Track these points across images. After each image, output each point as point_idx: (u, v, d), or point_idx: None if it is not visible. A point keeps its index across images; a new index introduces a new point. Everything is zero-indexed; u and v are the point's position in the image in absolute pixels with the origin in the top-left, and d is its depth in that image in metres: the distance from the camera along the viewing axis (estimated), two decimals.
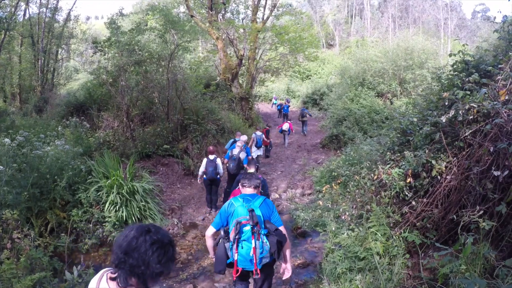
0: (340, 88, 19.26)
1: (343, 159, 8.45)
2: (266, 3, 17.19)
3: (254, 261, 2.91)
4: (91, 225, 6.29)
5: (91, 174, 6.93)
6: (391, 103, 15.41)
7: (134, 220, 6.56)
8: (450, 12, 40.51)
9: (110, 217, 6.34)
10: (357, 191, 5.82)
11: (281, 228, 3.07)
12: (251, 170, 5.42)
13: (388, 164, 4.67)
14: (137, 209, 6.69)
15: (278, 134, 16.09)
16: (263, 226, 2.95)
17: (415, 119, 4.49)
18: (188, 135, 10.82)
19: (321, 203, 7.12)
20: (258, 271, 2.94)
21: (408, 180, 3.98)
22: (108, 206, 6.43)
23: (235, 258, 2.97)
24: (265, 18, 17.10)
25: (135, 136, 10.04)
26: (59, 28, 18.40)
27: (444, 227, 3.46)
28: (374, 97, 15.94)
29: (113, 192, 6.54)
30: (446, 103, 3.99)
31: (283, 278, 3.33)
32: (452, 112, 3.35)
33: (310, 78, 31.37)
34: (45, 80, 17.29)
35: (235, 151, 7.85)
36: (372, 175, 5.05)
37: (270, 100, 28.50)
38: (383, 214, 4.16)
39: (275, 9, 17.04)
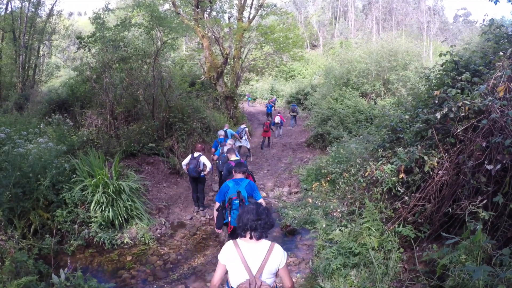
0: (325, 88, 19.45)
1: (332, 157, 8.51)
2: (252, 2, 17.16)
3: None
4: (76, 226, 6.07)
5: (75, 173, 6.65)
6: (375, 103, 15.66)
7: (120, 220, 6.36)
8: (432, 16, 41.60)
9: (96, 217, 6.11)
10: (347, 188, 5.89)
11: (260, 200, 4.33)
12: (232, 157, 6.47)
13: (380, 160, 4.73)
14: (124, 208, 6.48)
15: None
16: (247, 200, 4.22)
17: (406, 117, 4.57)
18: (174, 133, 10.64)
19: (310, 200, 7.14)
20: None
21: (401, 175, 4.04)
22: (94, 206, 6.18)
23: (229, 220, 4.43)
24: (251, 17, 17.05)
25: (119, 134, 9.76)
26: (41, 23, 17.81)
27: (437, 221, 3.54)
28: (358, 97, 16.16)
29: (98, 192, 6.28)
30: (437, 101, 4.08)
31: None
32: (445, 109, 3.42)
33: (294, 78, 31.57)
34: (26, 76, 16.71)
35: (226, 149, 7.80)
36: (363, 172, 5.11)
37: (254, 98, 28.59)
38: (376, 210, 4.21)
39: (261, 9, 17.02)
